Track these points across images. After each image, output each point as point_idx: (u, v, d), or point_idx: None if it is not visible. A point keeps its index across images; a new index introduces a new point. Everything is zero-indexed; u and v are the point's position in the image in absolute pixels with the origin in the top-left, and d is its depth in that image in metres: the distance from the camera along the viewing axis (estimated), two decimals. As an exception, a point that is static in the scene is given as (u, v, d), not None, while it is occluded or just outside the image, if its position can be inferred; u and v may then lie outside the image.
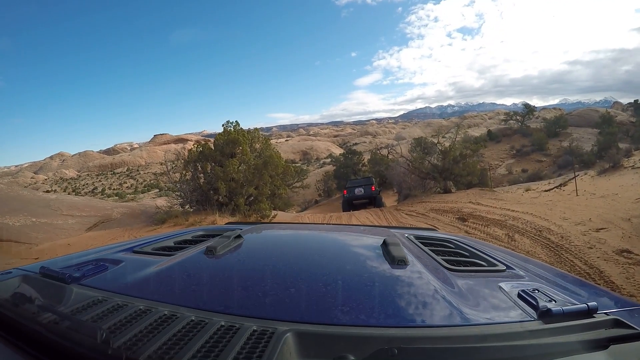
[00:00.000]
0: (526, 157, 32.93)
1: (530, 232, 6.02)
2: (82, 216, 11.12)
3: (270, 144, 10.30)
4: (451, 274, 0.86)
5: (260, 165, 9.04)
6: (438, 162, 12.14)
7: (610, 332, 0.57)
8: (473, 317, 0.62)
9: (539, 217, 6.98)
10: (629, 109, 52.50)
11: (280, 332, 0.52)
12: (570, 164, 27.12)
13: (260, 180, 8.95)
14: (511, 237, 5.81)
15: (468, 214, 7.83)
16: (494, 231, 6.27)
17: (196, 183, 9.00)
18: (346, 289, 0.73)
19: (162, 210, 9.19)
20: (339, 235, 1.41)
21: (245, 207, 8.71)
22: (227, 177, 8.48)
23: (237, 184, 8.61)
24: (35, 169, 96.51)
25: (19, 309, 0.61)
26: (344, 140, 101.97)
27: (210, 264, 0.93)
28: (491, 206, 8.63)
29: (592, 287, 0.96)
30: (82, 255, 1.05)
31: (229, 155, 9.00)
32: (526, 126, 40.90)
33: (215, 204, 8.58)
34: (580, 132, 38.64)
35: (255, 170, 8.92)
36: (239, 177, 8.72)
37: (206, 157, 9.14)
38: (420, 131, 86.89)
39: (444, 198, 10.86)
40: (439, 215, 8.31)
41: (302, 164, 63.10)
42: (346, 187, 13.42)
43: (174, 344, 0.50)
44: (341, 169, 30.47)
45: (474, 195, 10.59)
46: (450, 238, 1.30)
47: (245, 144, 9.25)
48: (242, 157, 9.18)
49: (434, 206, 9.58)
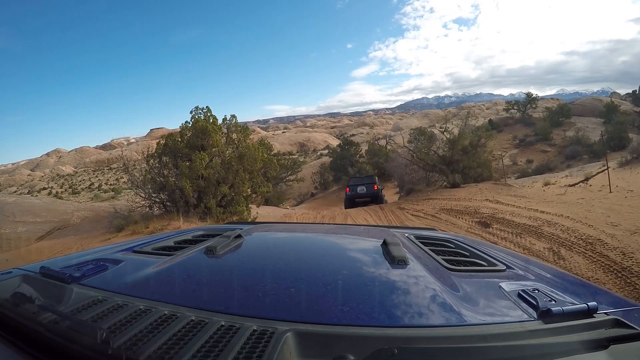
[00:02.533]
0: (530, 147, 31.61)
1: (578, 245, 4.63)
2: (35, 222, 9.65)
3: (249, 133, 8.76)
4: (451, 273, 0.85)
5: (234, 159, 7.51)
6: (445, 152, 10.67)
7: (611, 332, 0.56)
8: (473, 317, 0.61)
9: (580, 222, 5.60)
10: (627, 99, 51.41)
11: (280, 332, 0.52)
12: (579, 154, 25.96)
13: (236, 177, 7.44)
14: (557, 254, 4.43)
15: (489, 217, 6.42)
16: (530, 243, 4.89)
17: (161, 182, 7.50)
18: (346, 289, 0.73)
19: (121, 215, 7.69)
20: (339, 235, 1.42)
21: (218, 209, 7.25)
22: (194, 175, 6.98)
23: (206, 183, 7.14)
24: (32, 166, 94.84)
25: (19, 309, 0.61)
26: (341, 131, 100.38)
27: (210, 263, 0.92)
28: (514, 205, 7.24)
29: (592, 287, 0.97)
30: (82, 255, 1.05)
31: (199, 149, 7.51)
32: (528, 115, 39.57)
33: (182, 207, 7.13)
34: (584, 121, 37.38)
35: (229, 165, 7.41)
36: (209, 174, 7.20)
37: (172, 151, 7.63)
38: (418, 122, 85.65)
39: (454, 194, 9.45)
40: (452, 218, 6.91)
41: (299, 155, 61.67)
42: (349, 185, 13.52)
43: (174, 344, 0.50)
44: (337, 161, 29.27)
45: (488, 191, 9.19)
46: (450, 238, 1.30)
47: (217, 134, 7.69)
48: (213, 150, 7.62)
49: (444, 205, 8.17)
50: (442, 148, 10.89)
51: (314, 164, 38.01)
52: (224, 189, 7.28)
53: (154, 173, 7.68)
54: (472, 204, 7.62)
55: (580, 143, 27.17)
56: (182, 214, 6.90)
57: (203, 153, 7.26)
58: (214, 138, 7.52)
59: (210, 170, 7.18)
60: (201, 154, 7.16)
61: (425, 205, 8.56)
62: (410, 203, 9.51)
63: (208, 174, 7.12)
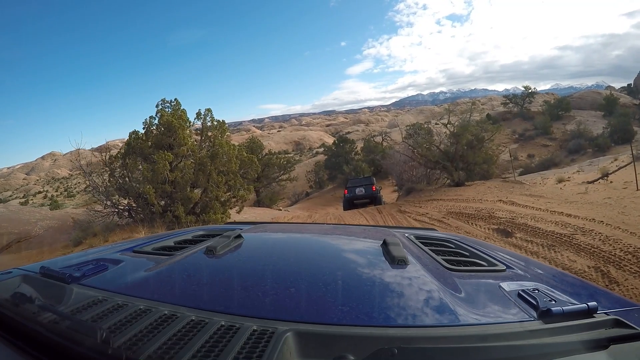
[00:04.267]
0: (530, 141, 30.78)
1: (629, 262, 3.68)
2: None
3: (225, 129, 7.66)
4: (451, 273, 0.84)
5: (205, 159, 6.42)
6: (448, 147, 9.66)
7: (611, 332, 0.56)
8: (473, 317, 0.61)
9: (619, 229, 4.65)
10: (622, 92, 50.86)
11: (280, 332, 0.52)
12: (583, 148, 25.14)
13: (209, 181, 6.36)
14: (606, 275, 3.46)
15: (509, 223, 5.44)
16: (569, 260, 3.91)
17: (125, 187, 6.42)
18: (346, 289, 0.72)
19: (81, 225, 6.61)
20: (340, 235, 1.41)
21: (190, 217, 6.20)
22: (159, 178, 5.92)
23: (173, 187, 6.08)
24: (27, 170, 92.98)
25: (19, 309, 0.60)
26: (336, 129, 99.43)
27: (210, 263, 0.92)
28: (532, 207, 6.27)
29: (592, 287, 0.96)
30: (82, 255, 1.05)
31: (167, 148, 6.44)
32: (526, 109, 38.80)
33: (148, 215, 6.08)
34: (584, 115, 36.71)
35: (201, 166, 6.33)
36: (177, 177, 6.13)
37: (136, 152, 6.54)
38: (413, 118, 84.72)
39: (460, 194, 8.47)
40: (464, 224, 5.92)
41: (295, 154, 60.61)
42: (347, 187, 13.31)
43: (174, 344, 0.50)
44: (332, 159, 28.39)
45: (498, 190, 8.21)
46: (451, 238, 1.29)
47: (185, 131, 6.58)
48: (181, 149, 6.53)
49: (451, 207, 7.18)
50: (445, 143, 9.89)
51: (309, 162, 37.08)
52: (193, 194, 6.23)
53: (116, 177, 6.60)
54: (484, 206, 6.63)
55: (583, 136, 26.36)
56: (146, 223, 5.86)
57: (167, 153, 6.17)
58: (180, 135, 6.42)
59: (177, 172, 6.12)
60: (165, 154, 6.06)
61: (429, 207, 7.56)
62: (411, 205, 8.51)
63: (175, 177, 6.06)
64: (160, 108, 6.98)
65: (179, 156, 6.53)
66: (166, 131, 6.54)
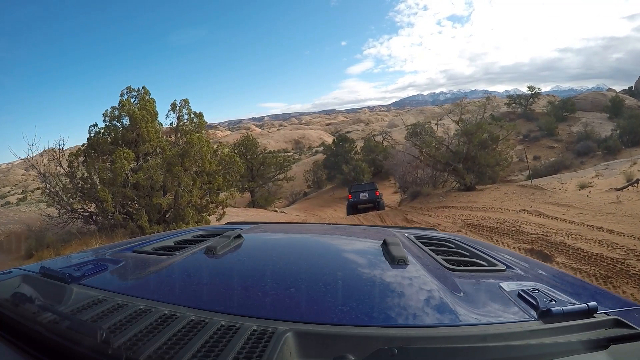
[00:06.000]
0: (535, 142, 29.89)
1: None
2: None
3: (203, 124, 6.66)
4: (451, 273, 0.84)
5: (174, 158, 5.47)
6: (460, 147, 8.70)
7: (610, 332, 0.56)
8: (473, 317, 0.61)
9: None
10: (623, 95, 50.17)
11: (280, 332, 0.52)
12: (591, 150, 24.30)
13: (180, 184, 5.39)
14: None
15: (542, 240, 4.52)
16: (632, 297, 3.00)
17: (84, 191, 5.46)
18: (346, 289, 0.72)
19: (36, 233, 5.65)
20: (340, 235, 1.40)
21: (157, 227, 5.25)
22: (118, 181, 4.98)
23: (138, 192, 5.13)
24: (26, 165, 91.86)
25: (19, 309, 0.60)
26: (336, 128, 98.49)
27: (210, 263, 0.92)
28: (564, 219, 5.35)
29: (592, 287, 0.95)
30: (82, 255, 1.05)
31: (133, 144, 5.49)
32: (530, 110, 37.95)
33: (108, 224, 5.14)
34: (589, 116, 35.95)
35: (168, 166, 5.36)
36: (138, 179, 5.16)
37: (96, 149, 5.58)
38: (414, 118, 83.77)
39: (473, 200, 7.55)
40: (486, 240, 4.99)
41: (295, 153, 59.67)
42: (351, 192, 13.29)
43: (174, 344, 0.49)
44: (331, 158, 27.49)
45: (517, 196, 7.28)
46: (451, 238, 1.28)
47: (150, 124, 5.60)
48: (145, 146, 5.55)
49: (467, 216, 6.25)
50: (455, 142, 8.94)
51: (307, 162, 36.22)
52: (158, 199, 5.28)
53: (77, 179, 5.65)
54: (507, 217, 5.71)
55: (590, 138, 25.50)
56: (104, 233, 4.93)
57: (127, 150, 5.24)
58: (143, 128, 5.46)
59: (141, 174, 5.17)
60: (124, 151, 5.12)
61: (440, 216, 6.63)
62: (418, 212, 7.57)
63: (137, 179, 5.11)
64: (126, 98, 6.01)
65: (148, 155, 5.59)
66: (130, 125, 5.58)
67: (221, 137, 73.18)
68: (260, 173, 20.72)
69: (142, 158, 5.62)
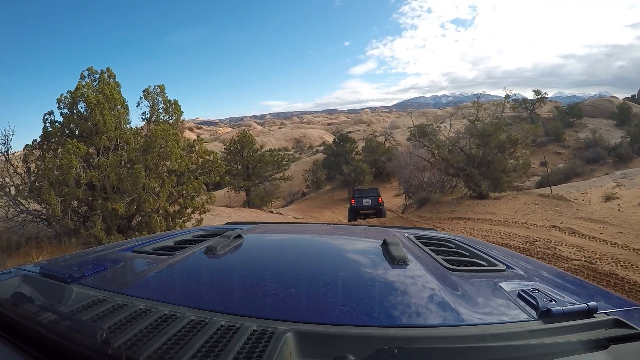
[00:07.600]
0: (542, 148, 29.00)
1: None
2: None
3: (180, 114, 5.81)
4: (451, 273, 0.83)
5: (134, 154, 4.63)
6: (476, 150, 7.85)
7: (611, 332, 0.56)
8: (473, 317, 0.61)
9: None
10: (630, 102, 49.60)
11: (280, 332, 0.52)
12: (601, 157, 23.50)
13: (145, 186, 4.52)
14: None
15: (587, 269, 3.71)
16: None
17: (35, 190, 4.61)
18: (346, 289, 0.72)
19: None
20: (340, 235, 1.40)
21: (117, 236, 4.40)
22: (68, 180, 4.15)
23: (90, 193, 4.30)
24: None
25: (19, 309, 0.60)
26: (337, 128, 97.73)
27: (210, 263, 0.92)
28: (603, 240, 4.54)
29: (592, 287, 0.94)
30: (82, 255, 1.05)
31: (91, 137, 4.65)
32: (536, 115, 37.23)
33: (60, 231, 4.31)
34: (595, 122, 35.33)
35: (130, 164, 4.51)
36: (91, 178, 4.31)
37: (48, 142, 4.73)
38: (416, 120, 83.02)
39: (491, 210, 6.72)
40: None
41: (295, 151, 58.80)
42: (354, 197, 13.12)
43: (174, 344, 0.49)
44: (331, 158, 26.70)
45: (540, 208, 6.44)
46: (451, 238, 1.29)
47: (107, 111, 4.71)
48: (101, 138, 4.68)
49: (487, 231, 5.42)
50: (470, 144, 8.10)
51: (307, 161, 35.46)
52: (114, 204, 4.38)
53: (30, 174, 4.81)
54: (535, 235, 4.87)
55: (599, 145, 24.71)
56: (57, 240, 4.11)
57: (76, 143, 4.38)
58: (97, 116, 4.55)
59: (96, 172, 4.32)
60: (73, 144, 4.27)
61: (455, 230, 5.81)
62: (428, 223, 6.74)
63: (91, 178, 4.26)
64: (87, 81, 5.14)
65: (108, 149, 4.73)
66: (87, 112, 4.72)
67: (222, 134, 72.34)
68: (257, 171, 19.88)
69: (102, 153, 4.77)
